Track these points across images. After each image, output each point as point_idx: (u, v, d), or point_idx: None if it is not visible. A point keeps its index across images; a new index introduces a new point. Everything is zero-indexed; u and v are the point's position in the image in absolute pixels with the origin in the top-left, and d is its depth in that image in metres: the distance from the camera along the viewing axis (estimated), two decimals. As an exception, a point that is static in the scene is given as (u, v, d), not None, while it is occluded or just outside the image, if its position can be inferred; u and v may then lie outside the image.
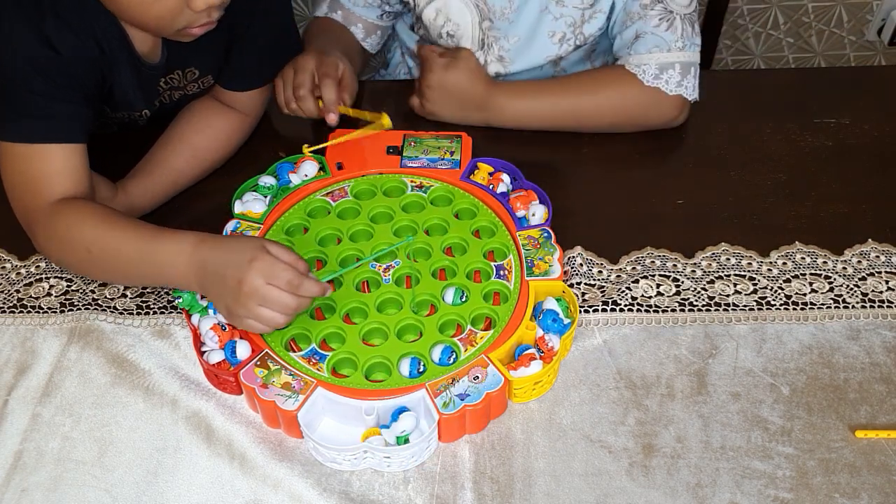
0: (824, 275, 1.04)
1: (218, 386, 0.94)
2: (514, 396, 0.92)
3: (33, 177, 1.00)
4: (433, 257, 1.02)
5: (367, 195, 1.10)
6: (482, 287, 0.98)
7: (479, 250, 1.02)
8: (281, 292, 0.87)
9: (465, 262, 1.01)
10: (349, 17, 1.31)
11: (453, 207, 1.07)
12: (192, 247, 0.92)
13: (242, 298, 0.87)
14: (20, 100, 0.98)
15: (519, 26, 1.24)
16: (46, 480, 0.88)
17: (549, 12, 1.23)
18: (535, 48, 1.26)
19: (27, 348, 0.99)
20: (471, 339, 0.93)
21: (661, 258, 1.06)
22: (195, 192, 1.15)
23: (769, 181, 1.17)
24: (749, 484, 0.86)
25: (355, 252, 1.03)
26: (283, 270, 0.87)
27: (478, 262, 1.01)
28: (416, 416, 0.88)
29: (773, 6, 2.10)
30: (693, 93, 1.20)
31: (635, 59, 1.19)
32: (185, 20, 0.96)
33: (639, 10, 1.18)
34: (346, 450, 0.86)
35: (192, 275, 0.92)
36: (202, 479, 0.87)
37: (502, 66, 1.29)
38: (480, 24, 1.25)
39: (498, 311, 0.95)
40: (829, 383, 0.94)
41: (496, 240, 1.03)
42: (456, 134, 1.17)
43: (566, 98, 1.21)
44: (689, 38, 1.19)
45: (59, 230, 0.99)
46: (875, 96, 1.31)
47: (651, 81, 1.18)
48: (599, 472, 0.87)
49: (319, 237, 1.05)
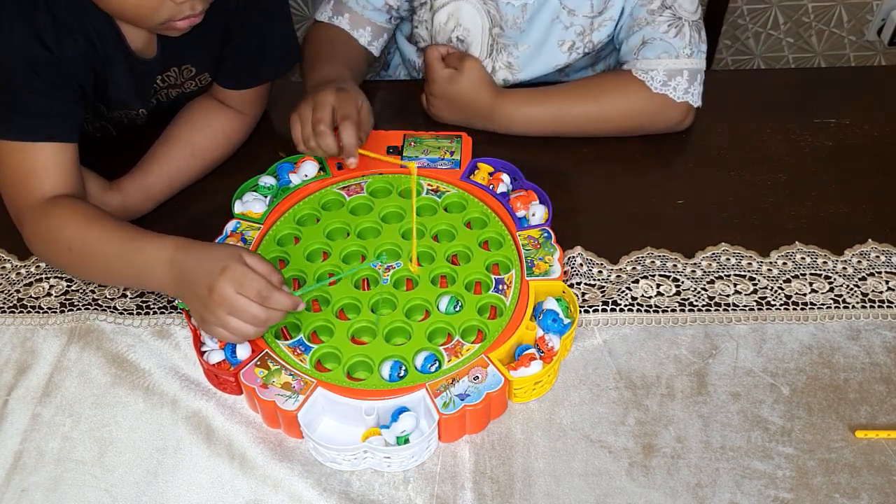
0: (824, 275, 1.04)
1: (218, 386, 0.94)
2: (514, 396, 0.92)
3: (23, 173, 1.00)
4: (436, 262, 1.01)
5: (382, 193, 1.10)
6: (478, 300, 0.97)
7: (483, 262, 1.01)
8: (250, 303, 0.86)
9: (467, 271, 1.00)
10: (357, 20, 1.27)
11: (465, 215, 1.06)
12: (171, 252, 0.92)
13: (212, 306, 0.87)
14: (12, 97, 0.99)
15: (529, 35, 1.24)
16: (46, 480, 0.88)
17: (559, 21, 1.22)
18: (544, 57, 1.26)
19: (27, 348, 0.99)
20: (456, 349, 0.92)
21: (661, 258, 1.06)
22: (195, 191, 1.15)
23: (769, 181, 1.17)
24: (749, 484, 0.86)
25: (359, 249, 1.03)
26: (254, 281, 0.86)
27: (478, 274, 1.00)
28: (416, 416, 0.88)
29: (773, 6, 2.10)
30: (699, 100, 1.20)
31: (643, 64, 1.18)
32: (167, 13, 0.96)
33: (646, 16, 1.18)
34: (346, 450, 0.86)
35: (168, 279, 0.92)
36: (202, 480, 0.87)
37: (510, 74, 1.28)
38: (491, 31, 1.24)
39: (490, 325, 0.95)
40: (829, 383, 0.94)
41: (501, 252, 1.02)
42: (456, 134, 1.17)
43: (572, 105, 1.20)
44: (696, 45, 1.18)
45: (43, 227, 1.00)
46: (875, 96, 1.31)
47: (659, 88, 1.17)
48: (599, 472, 0.87)
49: (328, 230, 1.05)
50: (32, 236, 1.02)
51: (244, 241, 1.03)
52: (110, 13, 1.00)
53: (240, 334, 0.88)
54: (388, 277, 0.99)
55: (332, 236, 1.05)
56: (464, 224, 1.06)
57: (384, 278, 0.99)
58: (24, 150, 1.00)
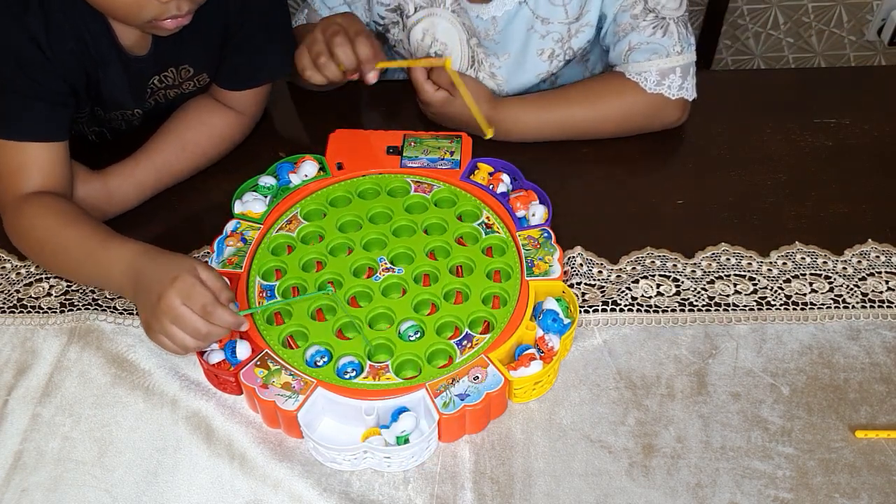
0: (824, 275, 1.04)
1: (218, 386, 0.94)
2: (514, 396, 0.92)
3: (9, 170, 1.02)
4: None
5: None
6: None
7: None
8: (193, 315, 0.87)
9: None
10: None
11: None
12: (133, 256, 0.93)
13: (158, 314, 0.88)
14: (1, 95, 1.00)
15: (507, 46, 1.23)
16: (46, 480, 0.88)
17: (535, 31, 1.21)
18: (527, 66, 1.25)
19: (27, 348, 0.99)
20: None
21: (661, 258, 1.06)
22: (195, 190, 1.15)
23: (769, 181, 1.17)
24: (749, 484, 0.86)
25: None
26: (201, 295, 0.87)
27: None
28: (416, 417, 0.88)
29: (773, 6, 2.10)
30: (693, 92, 1.20)
31: (634, 67, 1.18)
32: (153, 11, 0.96)
33: (630, 21, 1.17)
34: (347, 450, 0.86)
35: (127, 282, 0.93)
36: (202, 480, 0.87)
37: (496, 85, 1.27)
38: (469, 42, 1.24)
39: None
40: (829, 383, 0.94)
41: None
42: (456, 134, 1.17)
43: (568, 110, 1.20)
44: (685, 40, 1.18)
45: (19, 222, 1.02)
46: (875, 96, 1.31)
47: (653, 88, 1.17)
48: (599, 473, 0.87)
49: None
50: (10, 229, 1.04)
51: (244, 241, 1.03)
52: (99, 8, 1.00)
53: (180, 345, 0.89)
54: (381, 276, 0.99)
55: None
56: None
57: (376, 276, 0.99)
58: (10, 147, 1.01)
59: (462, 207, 1.07)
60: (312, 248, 1.03)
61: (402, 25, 1.26)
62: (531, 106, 1.21)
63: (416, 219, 1.06)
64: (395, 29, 1.28)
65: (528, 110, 1.20)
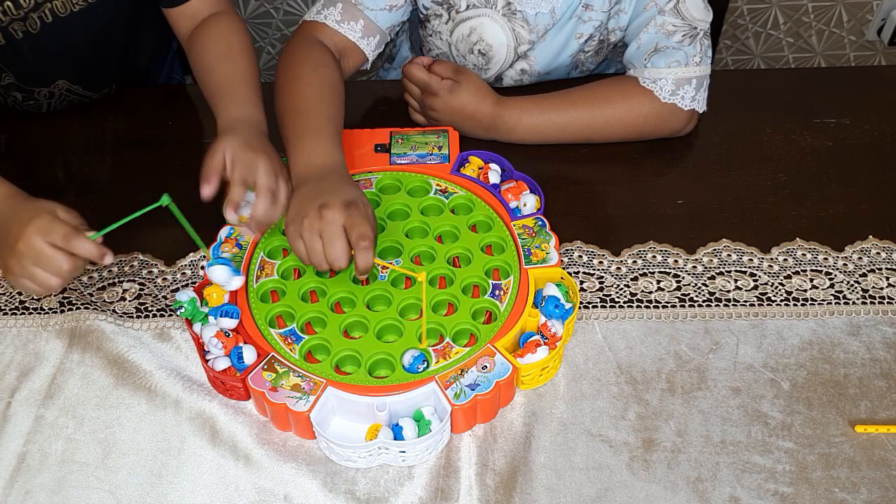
0: (825, 271, 1.04)
1: (224, 393, 0.94)
2: (521, 384, 0.93)
3: None
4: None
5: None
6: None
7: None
8: (55, 252, 0.88)
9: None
10: (351, 11, 1.18)
11: (470, 218, 1.06)
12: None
13: (18, 255, 0.89)
14: None
15: (548, 34, 1.22)
16: (50, 482, 0.88)
17: (577, 18, 1.21)
18: (562, 51, 1.25)
19: (29, 350, 0.99)
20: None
21: (662, 253, 1.06)
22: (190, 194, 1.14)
23: (769, 181, 1.17)
24: (749, 478, 0.86)
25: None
26: (60, 227, 0.89)
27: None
28: (434, 409, 0.88)
29: (773, 6, 2.10)
30: (704, 105, 1.19)
31: (651, 73, 1.16)
32: None
33: (654, 13, 1.15)
34: (362, 447, 0.86)
35: None
36: (206, 480, 0.88)
37: (527, 65, 1.27)
38: (515, 48, 1.23)
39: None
40: (829, 379, 0.94)
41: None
42: (442, 129, 1.17)
43: (575, 114, 1.18)
44: (706, 52, 1.17)
45: None
46: (875, 96, 1.31)
47: (667, 98, 1.16)
48: (600, 466, 0.88)
49: None
50: None
51: (239, 246, 1.03)
52: None
53: (44, 285, 0.90)
54: (385, 275, 0.99)
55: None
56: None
57: (381, 275, 0.99)
58: None
59: (476, 214, 1.07)
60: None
61: (447, 18, 1.25)
62: (536, 107, 1.19)
63: (431, 222, 1.06)
64: (436, 21, 1.27)
65: (533, 111, 1.18)
